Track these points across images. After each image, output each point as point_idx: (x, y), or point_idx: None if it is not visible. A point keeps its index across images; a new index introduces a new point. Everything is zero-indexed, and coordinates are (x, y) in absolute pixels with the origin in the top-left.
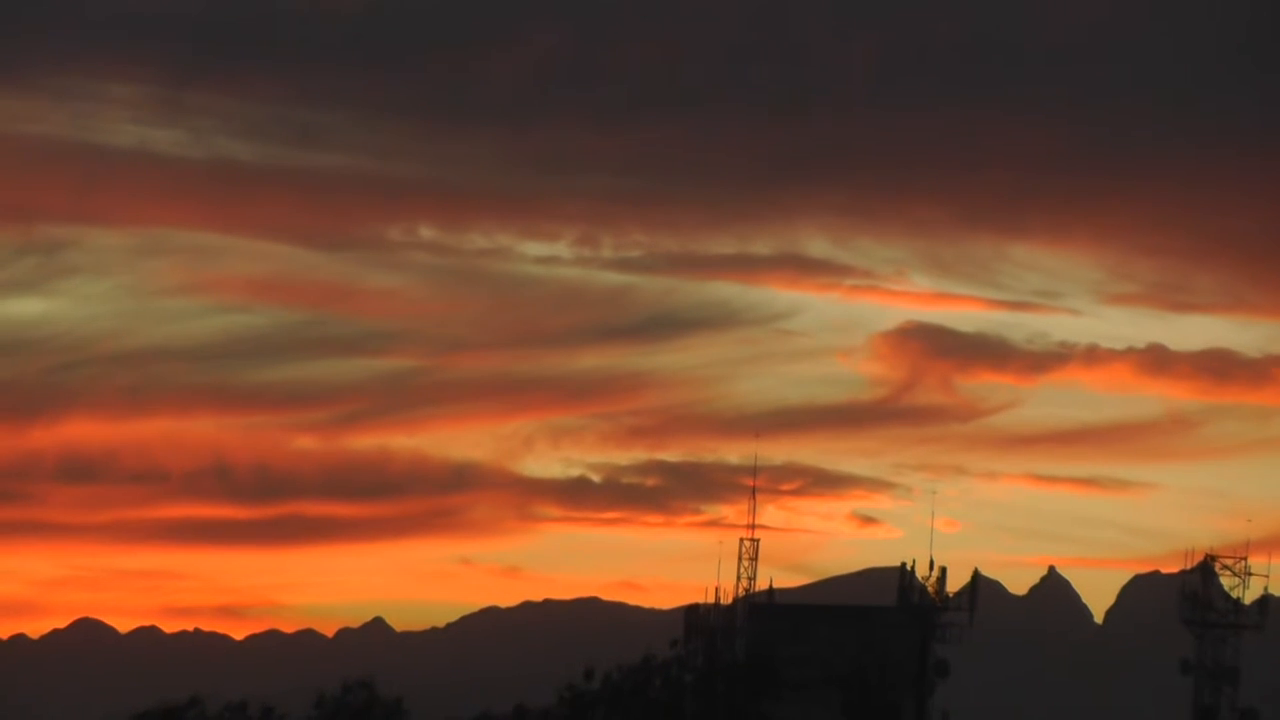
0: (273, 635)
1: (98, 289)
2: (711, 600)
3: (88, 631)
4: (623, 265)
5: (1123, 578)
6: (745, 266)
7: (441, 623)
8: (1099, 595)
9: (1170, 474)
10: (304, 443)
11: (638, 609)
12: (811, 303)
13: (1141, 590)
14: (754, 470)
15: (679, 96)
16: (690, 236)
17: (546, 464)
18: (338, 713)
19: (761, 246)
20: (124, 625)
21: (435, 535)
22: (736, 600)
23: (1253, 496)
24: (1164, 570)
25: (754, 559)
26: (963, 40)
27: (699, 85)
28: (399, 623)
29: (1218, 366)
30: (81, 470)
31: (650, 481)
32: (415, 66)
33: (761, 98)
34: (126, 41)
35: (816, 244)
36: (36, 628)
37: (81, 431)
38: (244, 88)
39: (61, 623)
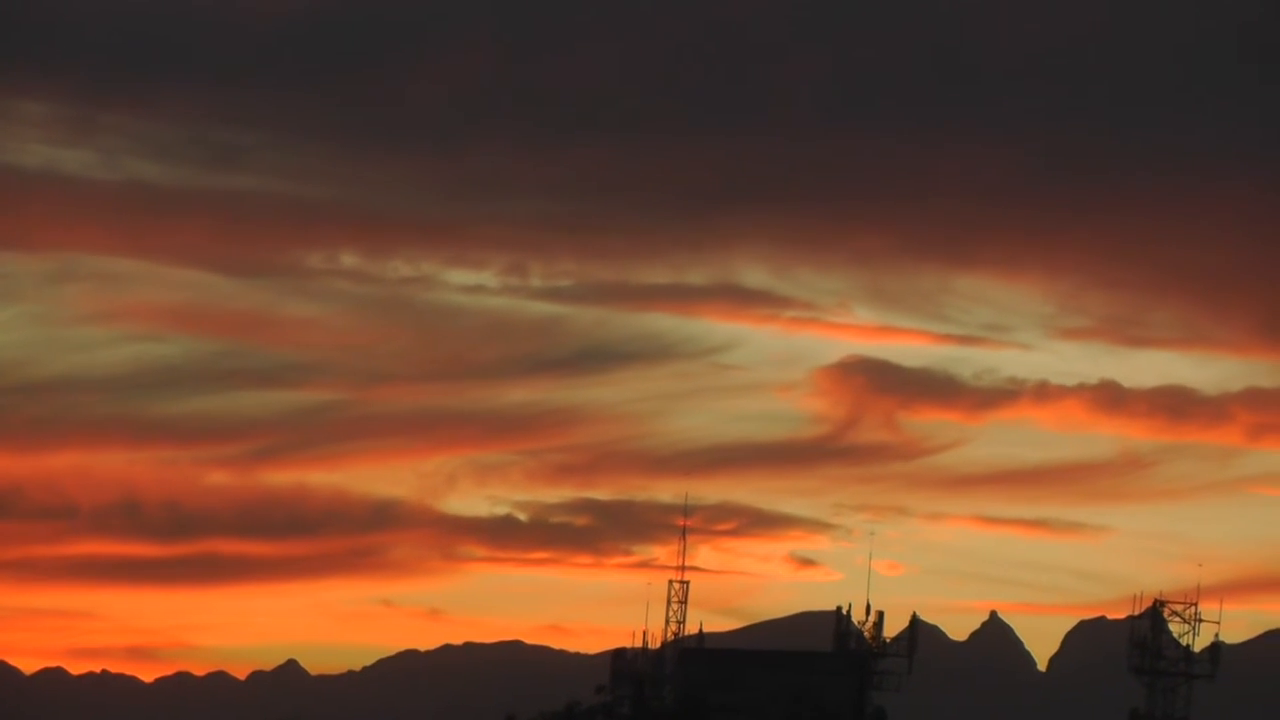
0: (183, 677)
1: (2, 316)
2: (639, 644)
3: None
4: (553, 295)
5: (1069, 623)
6: (681, 297)
7: (358, 666)
8: (1043, 641)
9: (1122, 516)
10: (218, 478)
11: (562, 653)
12: (750, 335)
13: (1087, 636)
14: (685, 510)
15: (612, 120)
16: (623, 266)
17: (471, 502)
18: None
19: (698, 276)
20: (29, 666)
21: (354, 575)
22: (665, 645)
23: (1207, 540)
24: (1111, 616)
25: (683, 602)
26: (912, 64)
27: (633, 109)
28: (314, 665)
29: (1174, 404)
30: None
31: (579, 521)
32: (337, 88)
33: (699, 122)
34: (35, 58)
35: (755, 274)
36: None
37: None
38: (158, 108)
39: None
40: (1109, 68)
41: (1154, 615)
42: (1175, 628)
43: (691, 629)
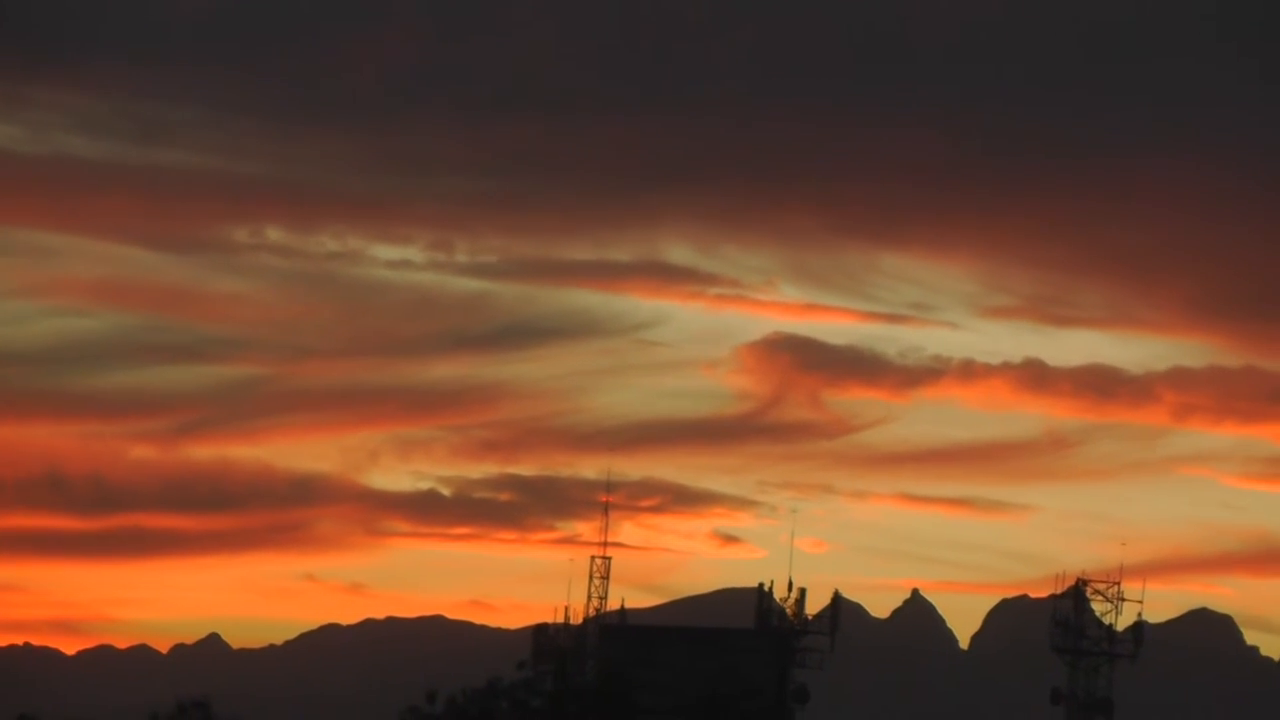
0: (106, 651)
1: None
2: (561, 620)
3: None
4: (478, 271)
5: (991, 602)
6: (606, 273)
7: (280, 640)
8: (965, 619)
9: (1047, 495)
10: (142, 452)
11: (484, 628)
12: (675, 312)
13: (1009, 615)
14: (608, 486)
15: (539, 99)
16: (549, 242)
17: (395, 477)
18: None
19: (623, 253)
20: None
21: (277, 550)
22: (587, 621)
23: (1132, 520)
24: (1033, 595)
25: (605, 578)
26: (839, 43)
27: (559, 85)
28: (236, 639)
29: (1099, 383)
30: None
31: (503, 496)
32: (265, 63)
33: (625, 99)
34: None
35: (681, 251)
36: None
37: None
38: (87, 82)
39: None
40: (1037, 49)
41: (1077, 594)
42: (1098, 607)
43: (613, 605)
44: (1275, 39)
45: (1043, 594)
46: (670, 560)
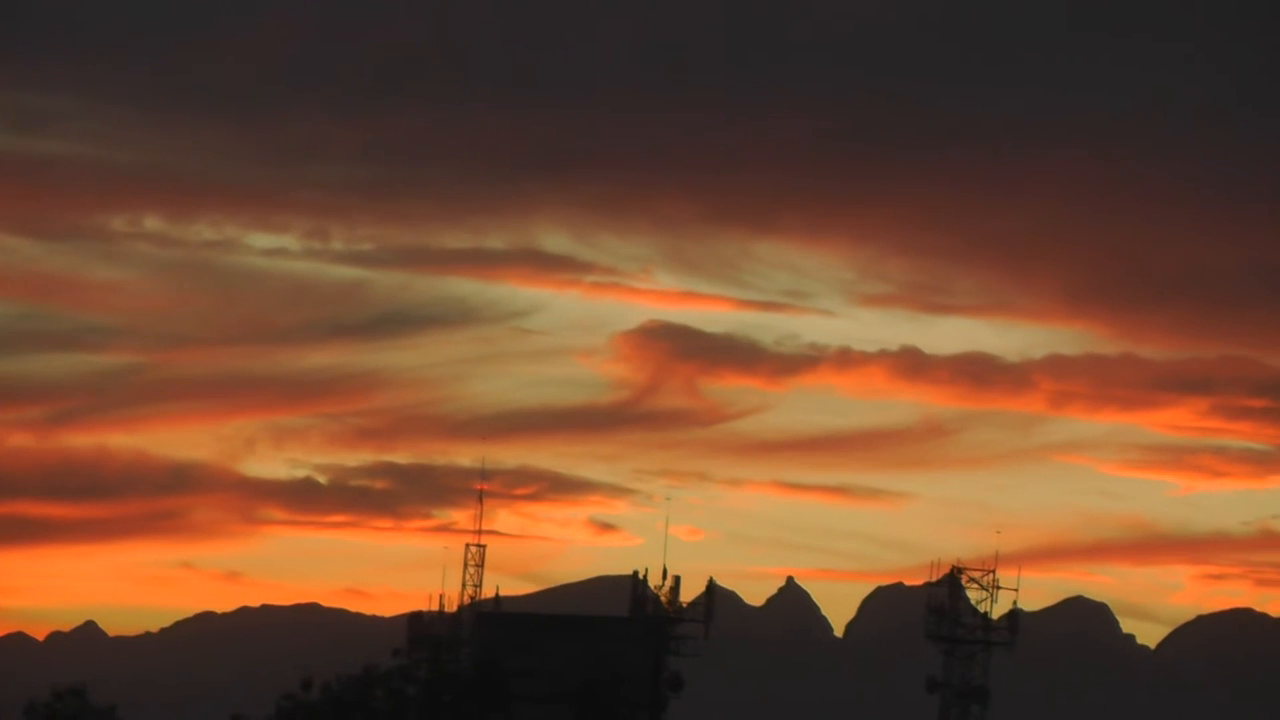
0: None
1: None
2: (436, 608)
3: None
4: (354, 259)
5: (866, 590)
6: (482, 262)
7: (156, 627)
8: (840, 607)
9: (923, 483)
10: (18, 440)
11: (360, 616)
12: (551, 300)
13: (885, 603)
14: (484, 474)
15: (416, 88)
16: (425, 230)
17: (271, 465)
18: None
19: (499, 241)
20: None
21: (154, 538)
22: (461, 609)
23: (1008, 508)
24: (909, 582)
25: (480, 566)
26: (716, 34)
27: (435, 73)
28: (112, 627)
29: (976, 371)
30: None
31: (379, 484)
32: (142, 51)
33: (501, 89)
34: None
35: (557, 239)
36: None
37: None
38: None
39: None
40: (912, 38)
41: (952, 582)
42: (973, 595)
43: (489, 593)
44: (1141, 28)
45: (918, 582)
46: (546, 548)
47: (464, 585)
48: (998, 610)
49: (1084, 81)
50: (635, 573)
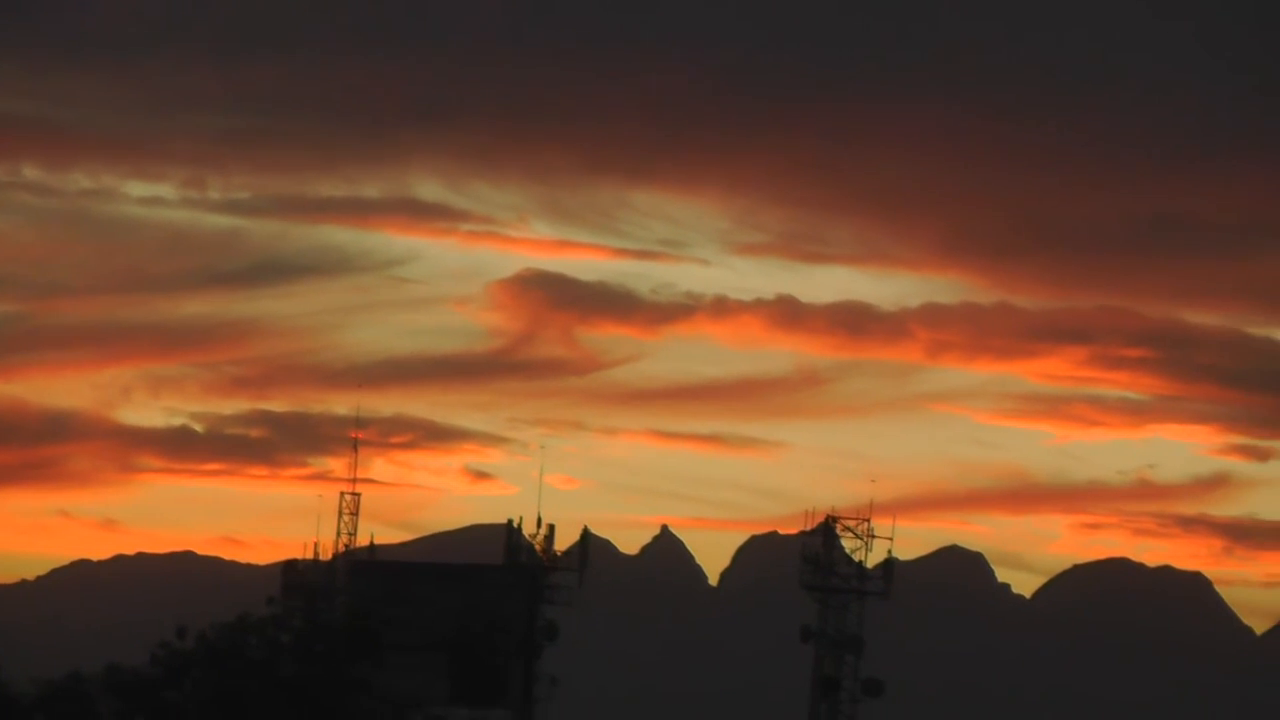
0: None
1: None
2: (311, 556)
3: None
4: (230, 208)
5: (740, 538)
6: (357, 210)
7: (31, 575)
8: (715, 556)
9: (798, 432)
10: None
11: (234, 564)
12: (426, 248)
13: (759, 551)
14: (359, 422)
15: (292, 37)
16: (300, 179)
17: (147, 414)
18: None
19: (374, 190)
20: None
21: (30, 486)
22: (336, 557)
23: (883, 457)
24: (783, 531)
25: (355, 514)
26: None
27: (313, 26)
28: None
29: (851, 320)
30: None
31: (255, 433)
32: (16, 2)
33: (377, 38)
34: None
35: (432, 188)
36: None
37: None
38: None
39: None
40: None
41: (826, 531)
42: (848, 544)
43: (363, 541)
44: None
45: (793, 531)
46: (421, 496)
47: (339, 534)
48: (873, 559)
49: (959, 35)
50: (510, 521)
